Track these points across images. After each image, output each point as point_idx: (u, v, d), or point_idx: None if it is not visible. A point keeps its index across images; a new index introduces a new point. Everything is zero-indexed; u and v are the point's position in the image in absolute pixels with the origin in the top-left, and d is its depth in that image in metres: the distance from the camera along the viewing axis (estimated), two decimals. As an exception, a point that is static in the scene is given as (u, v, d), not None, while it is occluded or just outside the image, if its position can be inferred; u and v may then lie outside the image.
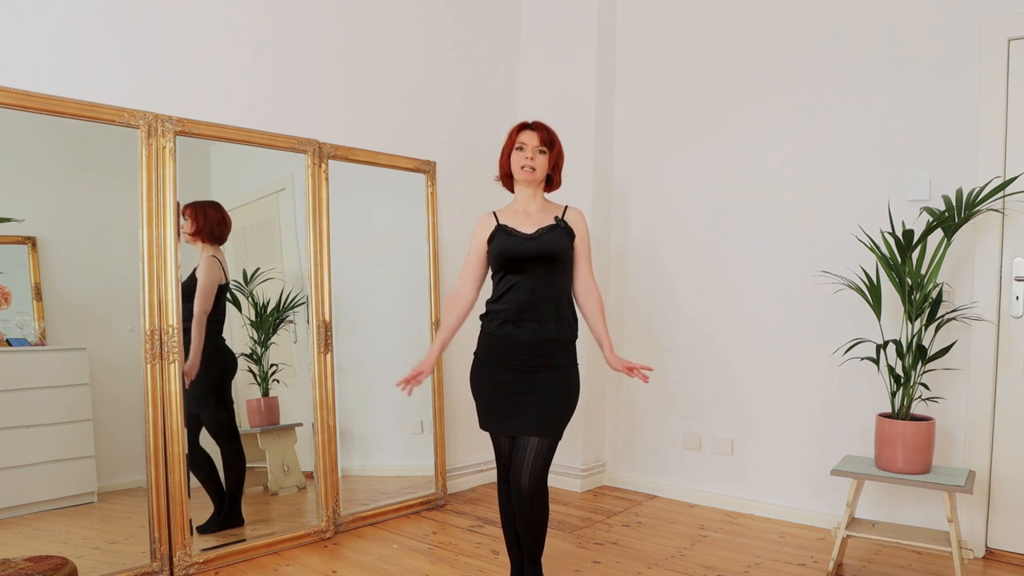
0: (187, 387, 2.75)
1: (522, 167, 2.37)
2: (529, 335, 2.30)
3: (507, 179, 2.47)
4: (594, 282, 2.46)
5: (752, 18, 3.57)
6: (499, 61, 4.10)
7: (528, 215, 2.40)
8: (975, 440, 2.97)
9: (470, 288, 2.45)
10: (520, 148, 2.37)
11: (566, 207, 2.46)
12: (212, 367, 2.94)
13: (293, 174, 3.19)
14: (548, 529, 2.46)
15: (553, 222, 2.38)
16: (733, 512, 3.57)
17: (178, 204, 2.72)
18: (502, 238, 2.36)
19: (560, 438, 2.34)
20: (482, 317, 2.42)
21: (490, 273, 2.44)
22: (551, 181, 2.45)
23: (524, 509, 2.31)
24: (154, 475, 2.61)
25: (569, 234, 2.39)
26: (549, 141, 2.38)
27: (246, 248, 3.12)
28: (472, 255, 2.44)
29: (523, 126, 2.40)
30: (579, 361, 2.42)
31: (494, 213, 2.44)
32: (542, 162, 2.37)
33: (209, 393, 2.93)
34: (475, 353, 2.43)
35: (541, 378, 2.32)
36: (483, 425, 2.42)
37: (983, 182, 2.84)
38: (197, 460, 2.90)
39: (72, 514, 2.65)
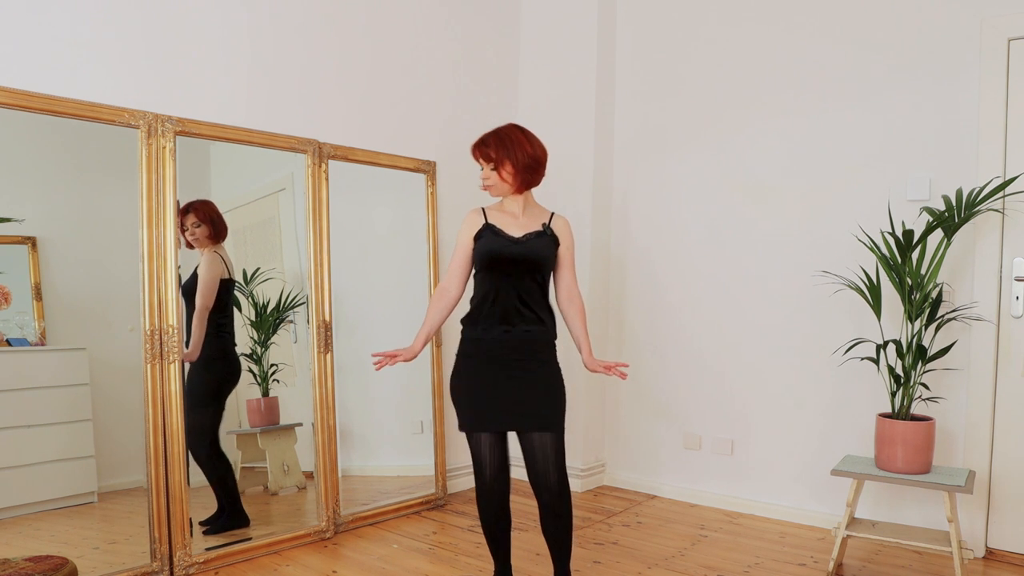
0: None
1: (483, 189, 2.40)
2: (513, 336, 2.31)
3: None
4: (577, 288, 2.47)
5: (752, 18, 3.57)
6: (499, 61, 4.10)
7: (516, 217, 2.40)
8: (975, 440, 2.97)
9: (456, 284, 2.44)
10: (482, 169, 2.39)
11: (552, 214, 2.45)
12: (211, 371, 2.93)
13: (293, 174, 3.19)
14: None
15: (540, 229, 2.39)
16: (733, 512, 3.57)
17: (178, 203, 2.71)
18: (489, 238, 2.35)
19: (564, 430, 2.35)
20: (463, 320, 2.40)
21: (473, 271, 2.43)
22: (532, 181, 2.39)
23: (555, 504, 2.32)
24: (154, 475, 2.61)
25: (555, 242, 2.40)
26: (488, 154, 2.35)
27: (246, 248, 3.12)
28: (459, 252, 2.42)
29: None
30: (573, 363, 2.42)
31: (483, 210, 2.43)
32: (496, 178, 2.35)
33: (204, 395, 2.91)
34: (458, 354, 2.40)
35: (533, 374, 2.32)
36: (471, 426, 2.34)
37: (983, 182, 2.84)
38: (216, 461, 2.90)
39: (72, 514, 2.65)
